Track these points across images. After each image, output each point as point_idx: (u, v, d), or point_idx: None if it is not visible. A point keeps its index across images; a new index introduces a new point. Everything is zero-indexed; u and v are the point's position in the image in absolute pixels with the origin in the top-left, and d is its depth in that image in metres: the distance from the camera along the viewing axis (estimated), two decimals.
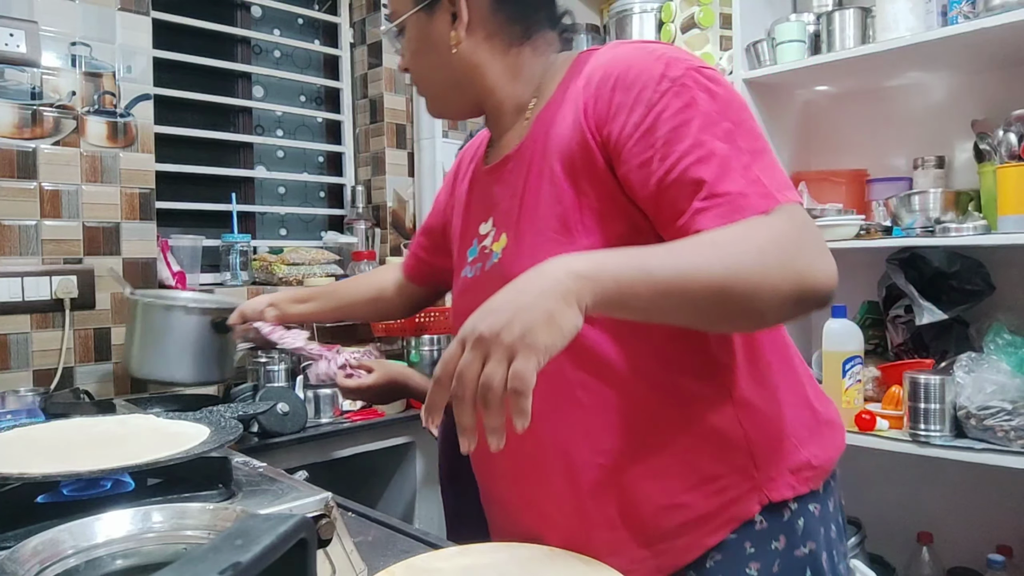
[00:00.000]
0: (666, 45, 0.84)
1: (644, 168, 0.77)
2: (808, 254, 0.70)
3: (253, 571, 0.40)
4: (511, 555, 0.79)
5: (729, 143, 0.75)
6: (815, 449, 0.87)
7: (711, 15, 2.14)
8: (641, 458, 0.82)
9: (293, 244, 2.55)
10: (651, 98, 0.77)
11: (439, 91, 0.97)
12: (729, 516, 0.81)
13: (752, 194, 0.72)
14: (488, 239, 0.94)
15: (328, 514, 0.64)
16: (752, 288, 0.67)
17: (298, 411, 1.81)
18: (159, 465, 0.74)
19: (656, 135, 0.76)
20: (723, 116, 0.76)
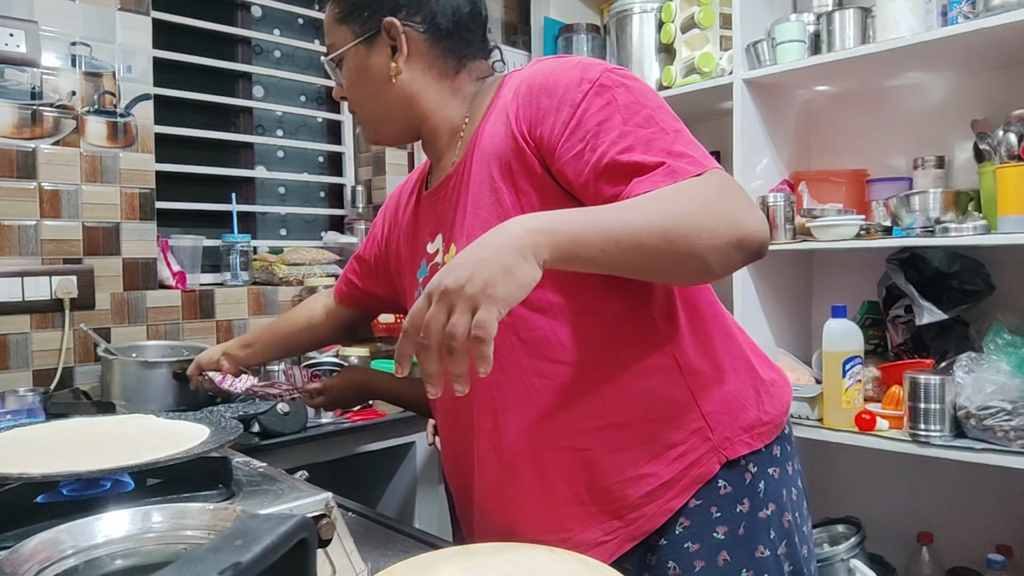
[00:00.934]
0: (580, 56, 0.93)
1: (577, 160, 0.83)
2: (739, 206, 0.77)
3: (253, 571, 0.40)
4: (511, 555, 0.79)
5: (651, 127, 0.82)
6: (765, 406, 0.93)
7: (711, 15, 2.14)
8: (602, 435, 0.87)
9: (293, 244, 2.55)
10: (575, 99, 0.84)
11: (376, 118, 1.03)
12: (692, 478, 0.88)
13: (683, 163, 0.79)
14: (438, 255, 0.99)
15: (328, 514, 0.64)
16: (692, 232, 0.73)
17: (298, 411, 1.81)
18: (159, 465, 0.74)
19: (584, 129, 0.83)
20: (641, 105, 0.83)
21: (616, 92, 0.84)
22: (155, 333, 2.07)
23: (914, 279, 1.87)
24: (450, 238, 0.97)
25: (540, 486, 0.90)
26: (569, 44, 2.56)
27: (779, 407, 0.96)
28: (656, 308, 0.90)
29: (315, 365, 1.92)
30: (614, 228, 0.72)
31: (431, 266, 1.01)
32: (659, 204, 0.75)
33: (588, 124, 0.83)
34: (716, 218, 0.75)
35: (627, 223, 0.72)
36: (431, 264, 1.01)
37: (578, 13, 2.68)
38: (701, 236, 0.73)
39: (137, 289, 2.04)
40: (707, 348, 0.92)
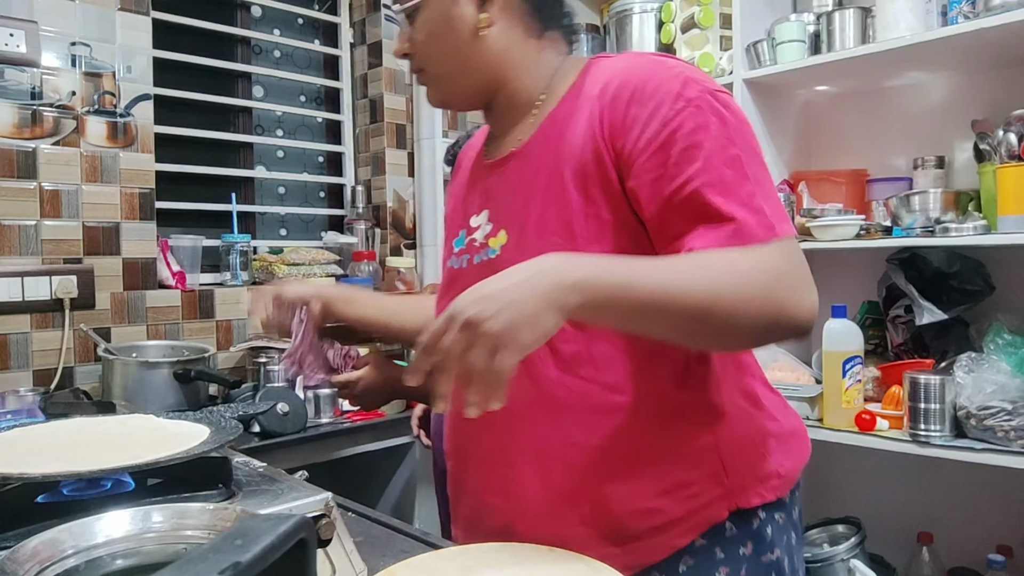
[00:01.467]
0: (683, 63, 0.85)
1: (653, 185, 0.78)
2: (792, 287, 0.74)
3: (253, 571, 0.40)
4: (511, 555, 0.79)
5: (736, 170, 0.77)
6: (781, 459, 0.90)
7: (711, 15, 2.14)
8: (616, 462, 0.84)
9: (293, 244, 2.55)
10: (667, 115, 0.78)
11: (451, 77, 0.93)
12: (699, 520, 0.84)
13: (754, 223, 0.75)
14: (479, 232, 0.94)
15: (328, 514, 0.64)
16: (731, 313, 0.71)
17: (298, 411, 1.81)
18: (159, 465, 0.74)
19: (668, 153, 0.78)
20: (732, 142, 0.78)
21: (711, 119, 0.78)
22: (155, 333, 2.07)
23: (914, 279, 1.86)
24: (500, 222, 0.91)
25: (544, 497, 0.87)
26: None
27: (796, 462, 0.93)
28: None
29: None
30: (650, 294, 0.70)
31: (468, 240, 0.96)
32: (705, 275, 0.72)
33: (674, 148, 0.77)
34: (762, 302, 0.72)
35: (665, 291, 0.70)
36: (469, 238, 0.96)
37: (578, 13, 2.67)
38: (740, 319, 0.72)
39: (137, 289, 2.05)
40: (735, 391, 0.89)
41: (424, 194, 2.63)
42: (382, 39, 2.61)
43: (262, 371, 2.03)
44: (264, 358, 2.04)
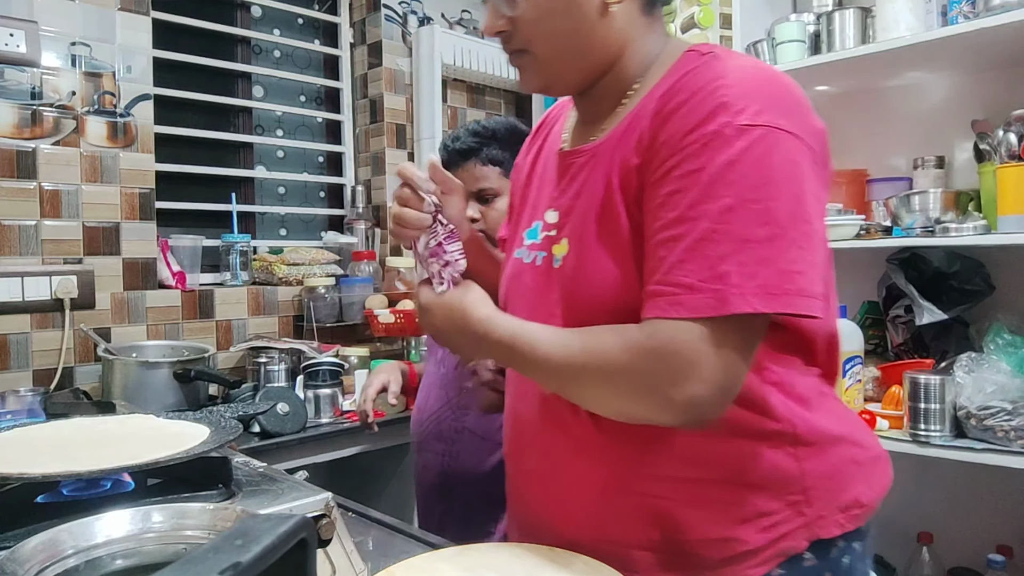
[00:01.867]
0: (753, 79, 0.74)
1: (646, 217, 0.75)
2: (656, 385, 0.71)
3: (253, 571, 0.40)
4: (511, 555, 0.79)
5: (716, 223, 0.69)
6: (864, 487, 0.85)
7: (711, 15, 2.14)
8: (695, 488, 0.80)
9: (293, 244, 2.55)
10: (676, 144, 0.72)
11: (562, 59, 0.82)
12: (777, 551, 0.80)
13: (704, 292, 0.68)
14: (552, 232, 0.87)
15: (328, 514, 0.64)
16: (586, 402, 0.79)
17: (298, 411, 1.81)
18: (159, 465, 0.74)
19: (661, 190, 0.73)
20: (729, 189, 0.69)
21: (713, 159, 0.69)
22: (155, 333, 2.07)
23: (914, 279, 1.86)
24: (564, 228, 0.85)
25: (613, 515, 0.82)
26: None
27: (879, 490, 0.87)
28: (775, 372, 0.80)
29: (314, 366, 1.92)
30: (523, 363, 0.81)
31: (544, 237, 0.88)
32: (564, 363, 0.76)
33: (665, 187, 0.72)
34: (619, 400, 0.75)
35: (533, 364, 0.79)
36: (544, 235, 0.88)
37: None
38: (597, 407, 0.78)
39: (137, 289, 2.05)
40: (821, 417, 0.83)
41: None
42: (382, 39, 2.61)
43: (262, 371, 2.03)
44: (264, 358, 2.04)
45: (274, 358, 2.03)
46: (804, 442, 0.81)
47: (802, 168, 0.71)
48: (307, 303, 2.27)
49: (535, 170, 0.97)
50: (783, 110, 0.72)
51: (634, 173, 0.77)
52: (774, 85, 0.74)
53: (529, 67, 0.84)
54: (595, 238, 0.80)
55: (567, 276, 0.83)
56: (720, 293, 0.68)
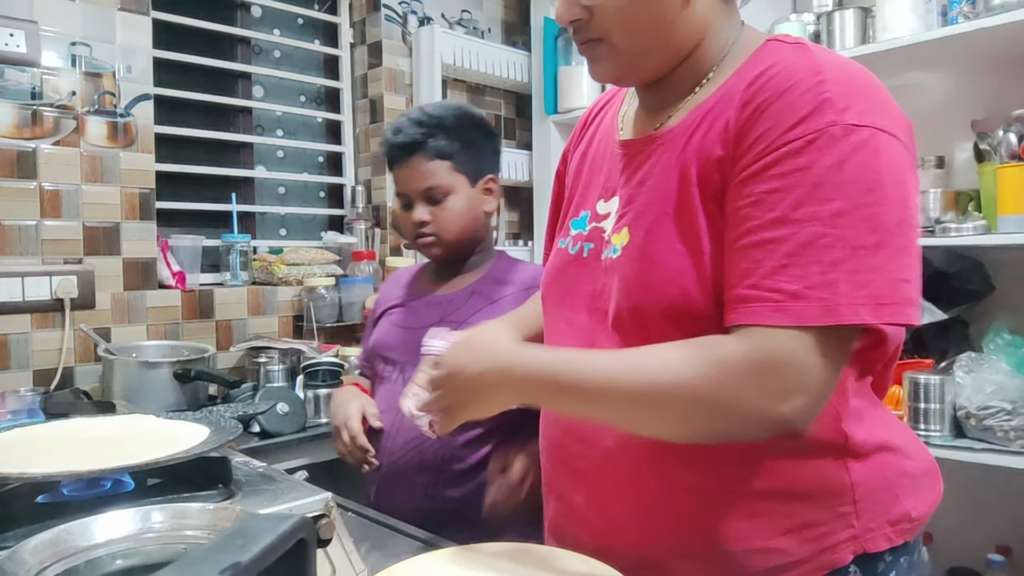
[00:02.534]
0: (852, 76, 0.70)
1: (732, 216, 0.71)
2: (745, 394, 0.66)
3: (253, 571, 0.40)
4: (511, 555, 0.79)
5: (827, 228, 0.65)
6: (915, 501, 0.82)
7: None
8: (742, 497, 0.77)
9: (293, 244, 2.55)
10: (775, 140, 0.68)
11: (642, 50, 0.78)
12: (821, 563, 0.77)
13: (811, 300, 0.64)
14: (607, 222, 0.84)
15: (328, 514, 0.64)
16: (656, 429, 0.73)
17: (298, 411, 1.81)
18: (159, 465, 0.74)
19: (755, 187, 0.68)
20: (839, 192, 0.65)
21: (820, 158, 0.66)
22: (155, 333, 2.07)
23: None
24: (626, 218, 0.81)
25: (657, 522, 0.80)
26: (569, 44, 2.56)
27: (930, 504, 0.85)
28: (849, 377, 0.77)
29: (313, 366, 1.92)
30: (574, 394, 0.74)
31: (592, 228, 0.86)
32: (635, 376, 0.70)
33: (762, 184, 0.68)
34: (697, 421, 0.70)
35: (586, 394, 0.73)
36: (594, 226, 0.86)
37: None
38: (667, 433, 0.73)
39: (137, 289, 2.05)
40: (874, 428, 0.80)
41: None
42: (382, 39, 2.61)
43: (262, 371, 2.03)
44: (264, 358, 2.04)
45: (274, 358, 2.03)
46: (855, 453, 0.78)
47: (904, 171, 0.69)
48: (307, 303, 2.27)
49: (586, 159, 0.93)
50: (885, 110, 0.69)
51: (715, 165, 0.73)
52: (872, 83, 0.71)
53: (604, 57, 0.79)
54: (664, 229, 0.76)
55: (627, 267, 0.78)
56: (828, 302, 0.64)
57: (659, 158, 0.79)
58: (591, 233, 0.86)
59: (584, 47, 0.80)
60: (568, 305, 0.88)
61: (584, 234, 0.87)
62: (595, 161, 0.91)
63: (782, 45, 0.76)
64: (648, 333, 0.75)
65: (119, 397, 1.76)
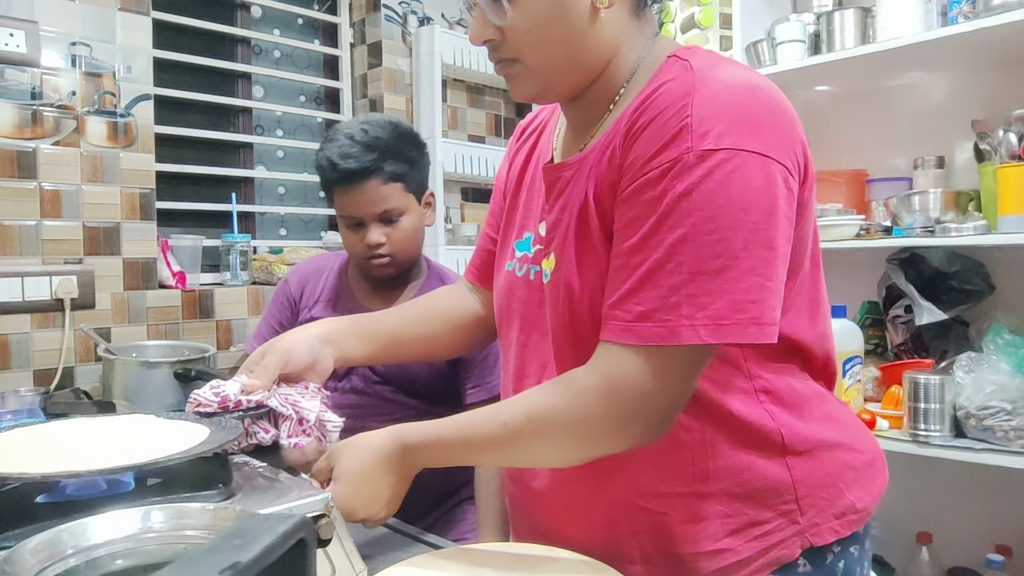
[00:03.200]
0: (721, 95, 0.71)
1: (615, 238, 0.75)
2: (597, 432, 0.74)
3: (253, 571, 0.40)
4: (511, 555, 0.79)
5: (671, 254, 0.68)
6: (860, 492, 0.84)
7: (711, 15, 2.15)
8: (685, 502, 0.79)
9: (293, 244, 2.55)
10: (641, 167, 0.72)
11: (555, 68, 0.79)
12: (770, 559, 0.79)
13: (654, 322, 0.69)
14: (541, 246, 0.87)
15: (328, 514, 0.64)
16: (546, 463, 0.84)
17: None
18: (159, 465, 0.74)
19: (625, 213, 0.73)
20: (684, 220, 0.68)
21: (673, 186, 0.69)
22: (155, 333, 2.07)
23: (914, 279, 1.87)
24: (551, 243, 0.83)
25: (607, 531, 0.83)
26: None
27: (875, 493, 0.86)
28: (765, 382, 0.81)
29: None
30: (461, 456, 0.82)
31: (535, 249, 0.88)
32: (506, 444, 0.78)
33: (629, 211, 0.72)
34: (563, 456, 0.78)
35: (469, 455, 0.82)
36: (535, 248, 0.88)
37: None
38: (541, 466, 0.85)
39: (137, 289, 2.05)
40: (815, 424, 0.82)
41: None
42: (382, 39, 2.61)
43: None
44: None
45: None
46: (795, 451, 0.80)
47: (767, 190, 0.69)
48: None
49: (524, 178, 0.94)
50: (752, 129, 0.69)
51: (608, 191, 0.76)
52: (746, 100, 0.71)
53: (520, 76, 0.81)
54: (575, 254, 0.80)
55: (553, 292, 0.83)
56: (670, 324, 0.69)
57: (574, 184, 0.81)
58: (536, 255, 0.88)
59: (500, 67, 0.81)
60: (521, 327, 0.90)
61: (529, 256, 0.89)
62: (534, 181, 0.92)
63: (676, 63, 0.76)
64: (584, 354, 0.77)
65: (119, 397, 1.76)
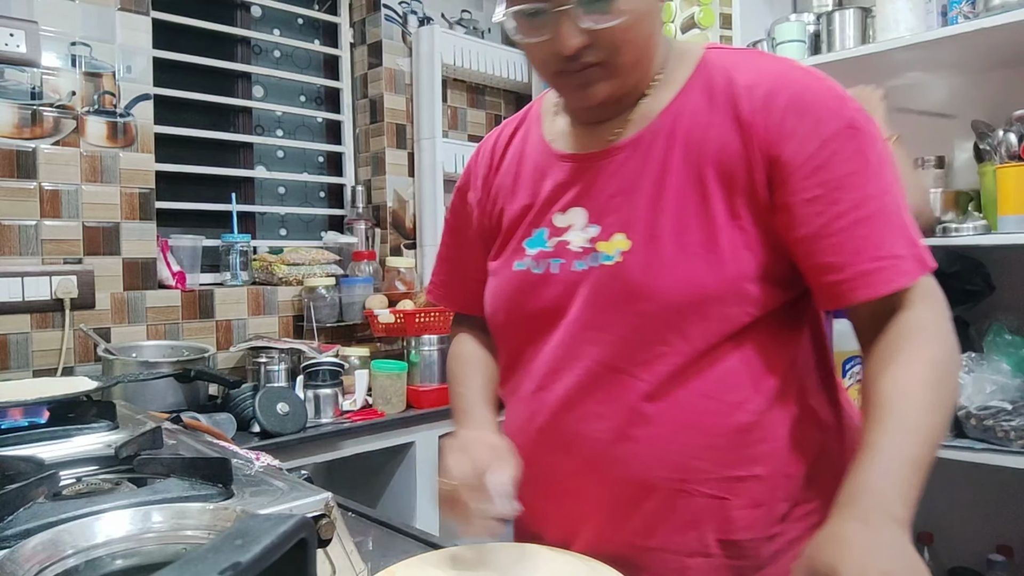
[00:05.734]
0: (824, 76, 0.80)
1: (810, 205, 0.75)
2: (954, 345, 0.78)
3: (253, 571, 0.40)
4: (511, 555, 0.79)
5: (891, 198, 0.75)
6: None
7: (711, 15, 2.14)
8: (745, 485, 0.79)
9: (293, 244, 2.55)
10: (826, 133, 0.75)
11: (636, 65, 0.81)
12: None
13: (908, 258, 0.74)
14: (576, 234, 0.84)
15: (328, 514, 0.64)
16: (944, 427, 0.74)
17: (298, 411, 1.81)
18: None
19: (827, 175, 0.74)
20: (884, 168, 0.76)
21: (866, 144, 0.75)
22: (155, 333, 2.07)
23: None
24: (614, 224, 0.82)
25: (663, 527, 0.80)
26: None
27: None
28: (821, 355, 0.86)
29: (314, 366, 1.92)
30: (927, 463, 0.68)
31: (557, 243, 0.86)
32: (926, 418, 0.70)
33: (834, 171, 0.74)
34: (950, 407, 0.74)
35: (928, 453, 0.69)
36: (557, 240, 0.86)
37: None
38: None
39: (137, 289, 2.05)
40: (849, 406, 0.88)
41: (424, 194, 2.64)
42: (382, 39, 2.61)
43: (262, 371, 2.03)
44: (264, 358, 2.04)
45: (274, 358, 2.03)
46: (836, 430, 0.84)
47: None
48: (307, 303, 2.27)
49: (519, 182, 0.93)
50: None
51: (745, 165, 0.77)
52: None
53: (604, 78, 0.79)
54: (674, 231, 0.78)
55: (635, 269, 0.79)
56: (919, 255, 0.76)
57: (639, 163, 0.81)
58: (556, 248, 0.86)
59: (579, 76, 0.79)
60: (537, 327, 0.87)
61: (547, 251, 0.87)
62: (535, 179, 0.90)
63: (726, 51, 0.83)
64: (650, 329, 0.78)
65: (119, 397, 1.76)
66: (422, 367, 2.18)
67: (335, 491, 0.85)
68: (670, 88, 0.82)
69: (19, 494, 0.65)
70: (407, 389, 2.08)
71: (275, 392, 1.84)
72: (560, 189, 0.87)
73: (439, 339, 2.21)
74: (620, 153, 0.83)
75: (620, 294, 0.80)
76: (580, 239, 0.84)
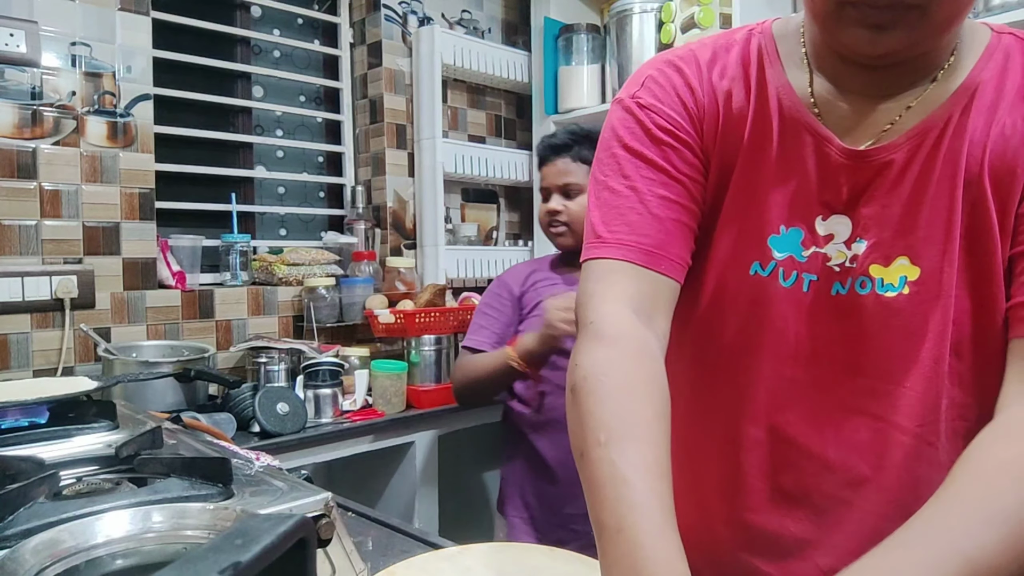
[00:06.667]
0: None
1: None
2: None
3: (253, 571, 0.40)
4: (511, 555, 0.80)
5: None
6: None
7: (711, 15, 2.14)
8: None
9: (293, 244, 2.55)
10: None
11: (949, 20, 0.64)
12: None
13: None
14: (838, 249, 0.70)
15: (328, 514, 0.64)
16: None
17: (298, 411, 1.81)
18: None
19: None
20: None
21: None
22: (155, 333, 2.07)
23: None
24: (896, 246, 0.68)
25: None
26: (569, 44, 2.56)
27: None
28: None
29: (314, 366, 1.92)
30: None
31: (811, 254, 0.70)
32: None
33: None
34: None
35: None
36: (813, 251, 0.70)
37: (578, 13, 2.68)
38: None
39: (137, 289, 2.05)
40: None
41: (424, 194, 2.63)
42: (382, 39, 2.61)
43: (262, 371, 2.03)
44: (264, 358, 2.04)
45: (274, 358, 2.03)
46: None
47: None
48: (307, 303, 2.27)
49: (767, 151, 0.72)
50: None
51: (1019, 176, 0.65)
52: None
53: (913, 26, 0.62)
54: (971, 260, 0.67)
55: (921, 309, 0.67)
56: None
57: (920, 172, 0.67)
58: (810, 261, 0.70)
59: (877, 12, 0.62)
60: (771, 352, 0.73)
61: (801, 261, 0.71)
62: (780, 157, 0.71)
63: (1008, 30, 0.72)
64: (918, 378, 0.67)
65: (119, 397, 1.76)
66: (422, 367, 2.18)
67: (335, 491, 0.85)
68: (962, 72, 0.69)
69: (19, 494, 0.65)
70: (407, 389, 2.08)
71: (275, 392, 1.84)
72: (824, 184, 0.70)
73: (439, 339, 2.21)
74: (901, 150, 0.68)
75: (912, 334, 0.69)
76: (841, 256, 0.70)
